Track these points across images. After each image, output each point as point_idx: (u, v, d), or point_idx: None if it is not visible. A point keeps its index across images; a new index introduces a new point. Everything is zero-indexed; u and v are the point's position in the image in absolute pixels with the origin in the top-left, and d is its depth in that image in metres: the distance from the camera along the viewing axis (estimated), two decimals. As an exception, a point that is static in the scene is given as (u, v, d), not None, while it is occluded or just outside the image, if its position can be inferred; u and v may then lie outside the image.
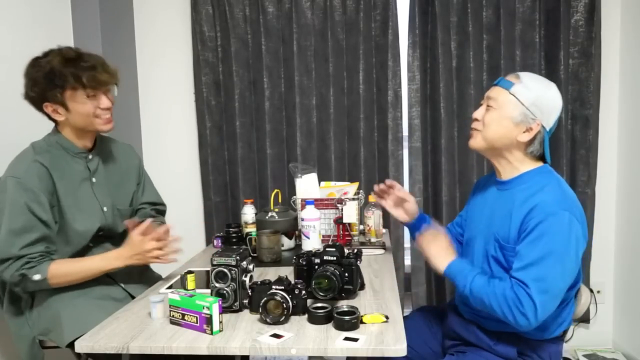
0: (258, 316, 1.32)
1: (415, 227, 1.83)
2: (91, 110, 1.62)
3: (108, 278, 1.71)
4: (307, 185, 2.23)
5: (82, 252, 1.70)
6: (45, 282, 1.56)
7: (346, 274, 1.44)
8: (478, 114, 1.53)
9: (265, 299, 1.29)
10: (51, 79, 1.56)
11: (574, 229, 1.37)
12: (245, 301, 1.39)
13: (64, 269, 1.59)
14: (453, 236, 1.82)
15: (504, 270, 1.46)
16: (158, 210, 2.03)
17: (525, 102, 1.44)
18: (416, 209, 1.83)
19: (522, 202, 1.43)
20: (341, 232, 2.11)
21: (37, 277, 1.55)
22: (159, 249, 1.65)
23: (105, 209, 1.74)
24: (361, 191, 2.28)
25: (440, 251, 1.54)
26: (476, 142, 1.53)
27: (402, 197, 1.82)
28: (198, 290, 1.47)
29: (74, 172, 1.68)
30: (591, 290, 2.64)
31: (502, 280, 1.42)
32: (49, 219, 1.58)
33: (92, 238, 1.72)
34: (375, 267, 1.80)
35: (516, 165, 1.51)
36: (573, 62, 2.52)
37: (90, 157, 1.73)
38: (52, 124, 1.70)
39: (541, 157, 1.52)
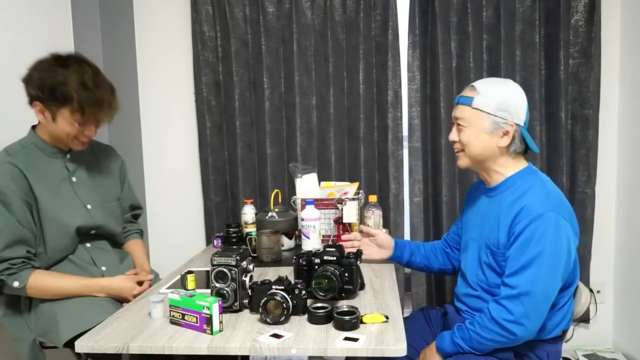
0: (258, 316, 1.32)
1: (398, 258, 1.83)
2: (74, 133, 1.63)
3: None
4: (307, 185, 2.23)
5: (74, 251, 1.70)
6: (23, 291, 1.57)
7: (346, 274, 1.44)
8: (453, 136, 1.56)
9: (265, 299, 1.29)
10: (55, 92, 1.55)
11: (562, 227, 1.38)
12: (245, 301, 1.39)
13: (42, 281, 1.58)
14: (452, 247, 1.82)
15: (498, 276, 1.47)
16: (135, 215, 2.03)
17: (490, 111, 1.47)
18: (388, 239, 1.82)
19: (508, 207, 1.45)
20: (341, 232, 2.11)
21: (15, 284, 1.55)
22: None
23: (89, 206, 1.73)
24: (361, 191, 2.28)
25: (427, 355, 1.52)
26: (463, 161, 1.57)
27: (367, 233, 1.82)
28: (198, 290, 1.47)
29: (52, 171, 1.68)
30: (591, 290, 2.64)
31: (483, 309, 1.44)
32: (25, 220, 1.57)
33: (84, 237, 1.72)
34: (375, 267, 1.80)
35: (501, 171, 1.53)
36: (573, 62, 2.52)
37: (68, 156, 1.72)
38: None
39: (525, 152, 1.54)
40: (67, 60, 1.59)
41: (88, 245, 1.75)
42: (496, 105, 1.46)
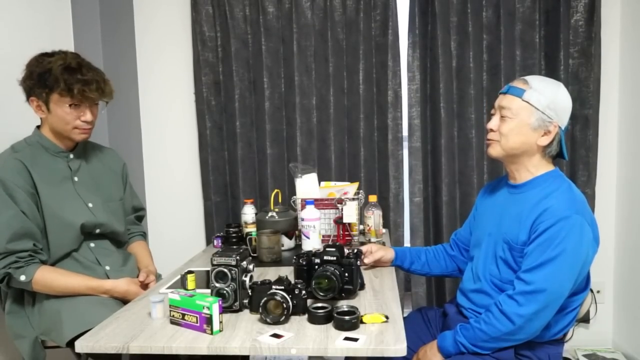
0: (258, 316, 1.32)
1: (398, 267, 1.83)
2: (71, 118, 1.65)
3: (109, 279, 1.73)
4: (307, 185, 2.23)
5: (78, 249, 1.72)
6: (29, 285, 1.58)
7: (346, 274, 1.44)
8: (493, 124, 1.53)
9: (265, 299, 1.29)
10: (44, 78, 1.60)
11: (585, 232, 1.38)
12: (245, 301, 1.39)
13: (49, 277, 1.60)
14: (460, 249, 1.81)
15: (512, 272, 1.47)
16: (139, 216, 2.05)
17: (540, 107, 1.45)
18: (389, 255, 1.80)
19: (533, 205, 1.44)
20: (341, 232, 2.11)
21: (22, 278, 1.56)
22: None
23: (90, 205, 1.75)
24: (361, 191, 2.28)
25: (427, 353, 1.51)
26: (495, 151, 1.53)
27: (376, 260, 1.79)
28: (198, 290, 1.47)
29: (55, 170, 1.70)
30: (591, 290, 2.63)
31: (491, 305, 1.44)
32: (31, 214, 1.60)
33: (89, 235, 1.74)
34: (376, 267, 1.80)
35: (531, 170, 1.52)
36: (573, 62, 2.52)
37: (71, 156, 1.75)
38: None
39: (556, 156, 1.53)
40: (52, 52, 1.67)
41: (92, 244, 1.76)
42: (547, 103, 1.45)
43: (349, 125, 2.65)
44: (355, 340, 1.19)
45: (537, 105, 1.45)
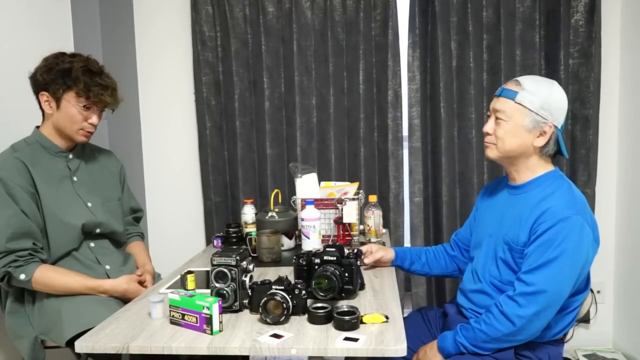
0: (258, 316, 1.32)
1: (398, 267, 1.82)
2: (79, 118, 1.67)
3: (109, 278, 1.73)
4: (307, 185, 2.23)
5: (78, 248, 1.72)
6: (29, 284, 1.59)
7: (346, 274, 1.44)
8: (488, 127, 1.52)
9: (265, 299, 1.29)
10: (64, 76, 1.62)
11: (585, 233, 1.38)
12: (245, 301, 1.39)
13: (48, 277, 1.60)
14: (461, 250, 1.81)
15: (513, 273, 1.47)
16: (136, 217, 2.05)
17: (533, 108, 1.44)
18: (389, 255, 1.80)
19: (533, 206, 1.44)
20: (341, 232, 2.11)
21: (22, 277, 1.57)
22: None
23: (89, 204, 1.76)
24: (361, 191, 2.28)
25: (427, 353, 1.51)
26: (493, 153, 1.53)
27: (376, 260, 1.78)
28: (198, 290, 1.47)
29: (54, 170, 1.71)
30: (591, 290, 2.63)
31: (491, 306, 1.43)
32: (31, 213, 1.60)
33: (89, 235, 1.74)
34: (376, 267, 1.80)
35: (530, 170, 1.52)
36: (573, 62, 2.52)
37: (70, 156, 1.76)
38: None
39: (554, 155, 1.53)
40: (73, 53, 1.70)
41: (92, 244, 1.76)
42: (540, 103, 1.44)
43: (349, 125, 2.65)
44: (355, 340, 1.19)
45: (530, 106, 1.44)
